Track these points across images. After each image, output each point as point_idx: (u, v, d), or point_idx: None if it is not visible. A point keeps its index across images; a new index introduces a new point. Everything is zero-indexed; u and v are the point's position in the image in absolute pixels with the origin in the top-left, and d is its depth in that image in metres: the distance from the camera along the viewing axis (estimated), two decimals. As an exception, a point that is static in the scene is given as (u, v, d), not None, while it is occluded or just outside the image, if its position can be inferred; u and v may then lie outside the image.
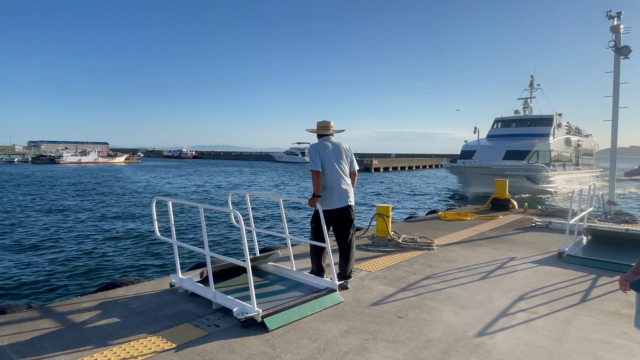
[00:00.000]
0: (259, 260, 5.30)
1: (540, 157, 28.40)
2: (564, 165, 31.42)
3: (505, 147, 29.01)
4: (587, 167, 37.16)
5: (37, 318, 4.00)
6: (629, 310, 4.30)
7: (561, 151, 31.58)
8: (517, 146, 28.79)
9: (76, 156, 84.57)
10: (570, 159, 33.77)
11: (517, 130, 31.98)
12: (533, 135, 29.64)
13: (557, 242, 7.44)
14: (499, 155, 28.53)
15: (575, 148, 34.67)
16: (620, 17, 10.56)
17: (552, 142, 30.01)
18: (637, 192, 33.21)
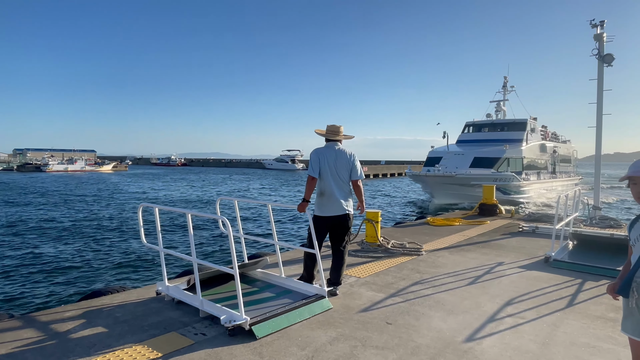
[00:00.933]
0: (247, 267, 5.25)
1: (511, 164, 25.55)
2: (538, 174, 28.57)
3: (473, 154, 25.94)
4: (564, 174, 34.29)
5: (18, 328, 3.90)
6: (614, 314, 4.34)
7: (535, 158, 28.77)
8: (486, 153, 25.91)
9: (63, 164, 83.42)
10: (546, 166, 30.70)
11: (489, 136, 29.07)
12: (505, 141, 26.82)
13: (544, 247, 7.51)
14: (466, 162, 25.44)
15: (551, 155, 31.66)
16: (604, 26, 10.79)
17: (525, 148, 27.14)
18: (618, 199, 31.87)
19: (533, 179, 27.27)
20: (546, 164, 30.74)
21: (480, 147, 27.44)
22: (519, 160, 26.30)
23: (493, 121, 30.97)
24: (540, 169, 29.24)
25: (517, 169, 25.81)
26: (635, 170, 2.32)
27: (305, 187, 4.83)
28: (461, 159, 26.08)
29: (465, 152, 26.54)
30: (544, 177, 29.30)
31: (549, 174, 30.80)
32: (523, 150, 26.78)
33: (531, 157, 28.02)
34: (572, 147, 39.04)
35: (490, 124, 30.69)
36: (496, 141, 27.41)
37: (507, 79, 32.83)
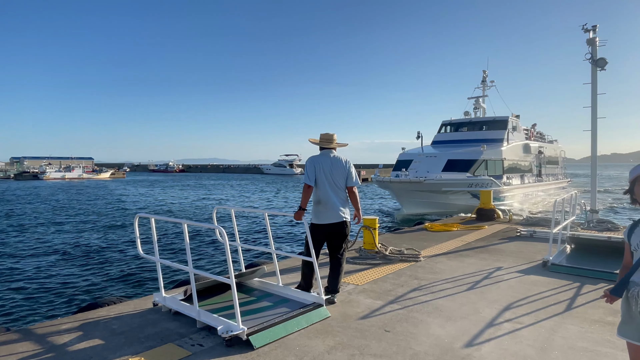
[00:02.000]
0: (244, 276, 5.24)
1: (489, 167, 22.39)
2: (521, 177, 25.44)
3: (447, 156, 22.81)
4: (552, 177, 31.11)
5: (15, 341, 3.87)
6: (612, 318, 4.34)
7: (518, 160, 25.61)
8: (461, 155, 22.86)
9: (60, 172, 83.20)
10: (530, 168, 27.41)
11: (467, 135, 26.01)
12: (484, 141, 23.80)
13: (542, 251, 7.52)
14: (439, 166, 22.36)
15: (536, 156, 28.38)
16: (596, 30, 10.87)
17: (506, 148, 24.00)
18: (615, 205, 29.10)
19: (515, 183, 24.35)
20: (530, 166, 27.49)
21: (456, 148, 24.34)
22: (499, 163, 23.10)
23: (471, 119, 27.65)
24: (523, 172, 26.05)
25: (497, 172, 22.75)
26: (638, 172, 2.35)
27: (302, 195, 4.84)
28: (433, 162, 22.89)
29: (439, 155, 23.29)
30: (528, 180, 26.31)
31: (534, 177, 27.72)
32: (503, 151, 23.63)
33: (513, 158, 24.86)
34: (560, 148, 35.82)
35: (468, 122, 27.42)
36: (474, 141, 24.33)
37: (487, 74, 29.69)
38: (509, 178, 23.61)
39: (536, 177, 28.01)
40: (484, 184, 20.76)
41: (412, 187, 20.73)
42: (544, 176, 29.42)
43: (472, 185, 20.79)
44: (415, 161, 23.26)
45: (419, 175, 21.28)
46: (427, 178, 20.68)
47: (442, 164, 22.34)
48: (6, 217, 25.20)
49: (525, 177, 26.10)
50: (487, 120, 26.76)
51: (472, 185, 20.79)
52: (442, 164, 22.38)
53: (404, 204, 22.27)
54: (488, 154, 22.60)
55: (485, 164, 22.43)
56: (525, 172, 26.39)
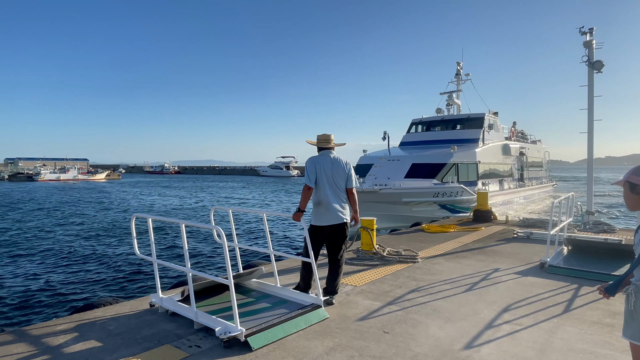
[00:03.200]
0: (242, 277, 5.21)
1: (461, 172, 18.95)
2: (500, 182, 22.23)
3: (411, 160, 19.11)
4: (535, 181, 28.01)
5: (9, 342, 3.82)
6: (611, 319, 4.34)
7: (496, 162, 22.29)
8: (426, 158, 19.25)
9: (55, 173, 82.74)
10: (511, 172, 24.10)
11: (438, 136, 22.89)
12: (457, 142, 20.89)
13: (539, 253, 7.52)
14: (402, 171, 18.61)
15: (517, 158, 25.25)
16: (593, 33, 10.93)
17: (481, 150, 20.52)
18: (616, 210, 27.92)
19: (493, 189, 20.89)
20: (511, 170, 24.16)
21: (425, 150, 20.76)
22: (472, 167, 19.65)
23: (444, 117, 24.26)
24: (503, 176, 22.77)
25: (471, 177, 19.41)
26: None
27: (301, 196, 4.77)
28: (396, 166, 18.91)
29: (402, 158, 19.41)
30: (508, 185, 23.08)
31: (515, 181, 24.54)
32: (478, 153, 20.15)
33: (490, 161, 21.51)
34: (544, 148, 32.61)
35: (440, 121, 24.12)
36: (447, 142, 21.26)
37: (462, 66, 26.25)
38: (486, 184, 20.22)
39: (517, 182, 24.81)
40: (453, 193, 17.74)
41: (366, 197, 15.79)
42: (527, 180, 26.34)
43: (439, 194, 17.34)
44: (376, 166, 19.01)
45: (378, 182, 17.29)
46: (384, 187, 16.60)
47: (405, 169, 18.41)
48: (1, 218, 25.01)
49: (505, 182, 22.90)
50: (460, 118, 23.46)
51: (439, 194, 17.34)
52: (406, 169, 18.46)
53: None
54: (459, 157, 19.04)
55: (456, 169, 18.80)
56: (505, 176, 23.09)
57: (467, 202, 17.99)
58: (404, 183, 17.34)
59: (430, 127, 24.01)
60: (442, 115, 25.01)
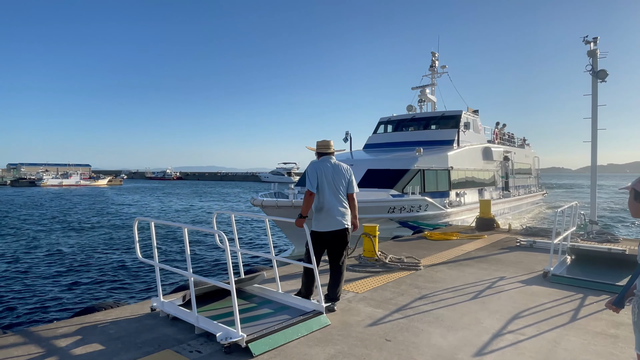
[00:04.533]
0: (243, 282, 5.19)
1: (429, 180, 15.34)
2: (480, 191, 18.61)
3: (367, 165, 15.64)
4: (523, 189, 24.75)
5: (11, 345, 3.81)
6: (615, 330, 4.30)
7: (475, 169, 18.69)
8: (385, 163, 15.87)
9: (57, 179, 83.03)
10: (494, 179, 20.64)
11: (408, 137, 19.26)
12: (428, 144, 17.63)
13: (542, 262, 7.48)
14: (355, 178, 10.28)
15: (501, 163, 21.65)
16: (597, 42, 10.95)
17: (455, 154, 17.09)
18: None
19: (471, 200, 17.08)
20: (493, 177, 20.64)
21: (388, 153, 17.49)
22: (444, 173, 16.10)
23: (414, 116, 20.62)
24: (483, 185, 19.20)
25: (442, 186, 15.90)
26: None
27: (303, 202, 4.75)
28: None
29: (357, 163, 15.60)
30: (490, 195, 19.38)
31: (499, 190, 20.93)
32: (450, 157, 16.64)
33: (466, 167, 17.84)
34: (533, 153, 28.90)
35: (410, 120, 20.43)
36: (418, 144, 17.53)
37: (437, 57, 22.60)
38: (461, 194, 16.45)
39: (501, 191, 21.23)
40: (415, 207, 13.71)
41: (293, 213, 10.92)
42: (513, 189, 22.79)
43: (395, 209, 13.27)
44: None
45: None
46: None
47: (360, 176, 14.59)
48: (4, 222, 25.06)
49: (486, 191, 19.24)
50: (433, 117, 20.03)
51: (395, 209, 13.27)
52: (358, 176, 14.36)
53: (292, 239, 13.51)
54: (427, 161, 15.31)
55: (421, 176, 15.00)
56: (486, 184, 19.56)
57: (435, 217, 14.12)
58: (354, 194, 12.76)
59: (399, 126, 20.30)
60: (413, 113, 21.32)
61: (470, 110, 20.74)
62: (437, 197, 14.90)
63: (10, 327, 7.95)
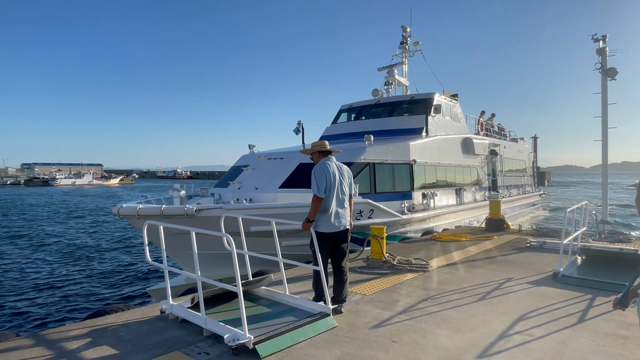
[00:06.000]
0: (251, 284, 5.23)
1: (381, 177, 12.07)
2: (458, 192, 15.16)
3: (299, 159, 11.63)
4: (516, 190, 21.46)
5: (24, 347, 3.90)
6: (625, 331, 4.26)
7: (449, 164, 15.03)
8: None
9: (70, 178, 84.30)
10: (477, 178, 17.03)
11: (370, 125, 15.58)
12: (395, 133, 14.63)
13: (552, 263, 7.41)
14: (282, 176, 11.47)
15: (487, 158, 18.04)
16: (606, 40, 10.82)
17: (421, 144, 13.48)
18: None
19: (446, 202, 14.16)
20: (477, 175, 17.07)
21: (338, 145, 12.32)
22: (403, 169, 12.52)
23: (378, 101, 16.81)
24: (462, 184, 15.60)
25: (400, 185, 12.33)
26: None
27: (311, 206, 4.75)
28: (276, 169, 11.81)
29: (288, 156, 12.08)
30: (472, 197, 16.08)
31: (483, 191, 17.25)
32: (414, 148, 12.96)
33: (438, 161, 14.27)
34: (527, 149, 25.22)
35: (373, 106, 16.75)
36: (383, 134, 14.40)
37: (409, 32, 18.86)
38: (430, 196, 12.96)
39: (487, 192, 17.43)
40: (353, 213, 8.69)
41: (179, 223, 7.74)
42: (502, 189, 19.10)
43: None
44: (251, 167, 11.96)
45: (241, 195, 10.58)
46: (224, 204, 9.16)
47: (286, 174, 11.30)
48: (19, 222, 25.47)
49: (467, 192, 15.74)
50: (399, 101, 16.30)
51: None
52: (288, 172, 11.32)
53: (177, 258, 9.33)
54: (379, 153, 11.82)
55: (370, 172, 11.63)
56: (467, 184, 15.99)
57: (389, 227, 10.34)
58: (277, 196, 10.30)
59: (361, 114, 16.74)
60: (378, 98, 17.30)
61: (448, 94, 16.92)
62: (395, 199, 11.59)
63: (24, 330, 8.11)
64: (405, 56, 18.80)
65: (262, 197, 10.40)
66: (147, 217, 8.00)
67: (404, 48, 18.68)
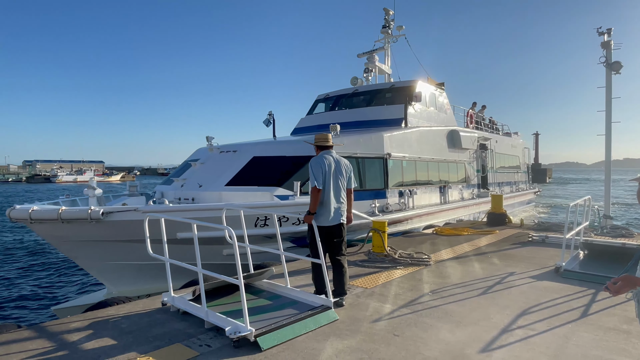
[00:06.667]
0: (253, 277, 5.23)
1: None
2: (441, 190, 13.40)
3: (254, 151, 9.81)
4: (508, 187, 19.96)
5: (25, 339, 3.90)
6: (627, 326, 4.24)
7: (434, 159, 13.38)
8: (281, 148, 10.22)
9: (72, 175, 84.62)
10: (465, 174, 15.32)
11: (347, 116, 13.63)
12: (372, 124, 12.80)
13: (554, 257, 7.39)
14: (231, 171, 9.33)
15: (476, 153, 16.43)
16: (611, 34, 10.72)
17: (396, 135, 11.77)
18: None
19: (427, 201, 12.41)
20: (464, 171, 15.37)
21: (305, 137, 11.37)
22: (376, 163, 10.85)
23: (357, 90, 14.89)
24: (447, 182, 13.81)
25: (373, 183, 10.66)
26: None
27: (311, 198, 4.77)
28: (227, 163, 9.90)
29: (242, 148, 10.28)
30: (459, 195, 14.55)
31: (471, 188, 15.59)
32: (389, 140, 11.26)
33: (417, 155, 12.41)
34: (522, 144, 23.60)
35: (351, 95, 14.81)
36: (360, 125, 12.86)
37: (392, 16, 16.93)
38: (408, 194, 11.23)
39: (475, 190, 15.90)
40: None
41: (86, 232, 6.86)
42: (493, 187, 17.68)
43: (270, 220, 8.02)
44: (200, 162, 10.19)
45: (184, 192, 9.19)
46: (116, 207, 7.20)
47: (236, 168, 9.47)
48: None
49: (453, 189, 14.18)
50: (378, 90, 14.49)
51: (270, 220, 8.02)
52: (238, 167, 9.48)
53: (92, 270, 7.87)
54: (348, 145, 9.82)
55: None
56: (453, 181, 14.31)
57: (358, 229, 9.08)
58: (222, 195, 8.71)
59: (337, 104, 14.90)
60: (356, 87, 15.36)
61: (433, 82, 15.35)
62: (365, 198, 9.94)
63: (25, 322, 8.14)
64: (388, 41, 16.84)
65: (205, 197, 8.78)
66: (42, 221, 6.64)
67: (387, 33, 16.72)
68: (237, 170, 9.25)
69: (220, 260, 7.50)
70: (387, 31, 16.71)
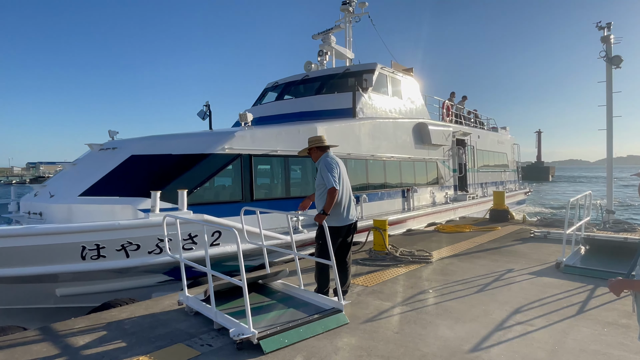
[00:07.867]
0: (267, 277, 5.23)
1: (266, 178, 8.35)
2: (405, 193, 11.32)
3: (132, 150, 7.32)
4: (494, 187, 17.61)
5: (30, 341, 3.96)
6: (626, 320, 4.26)
7: (394, 157, 11.21)
8: (169, 144, 7.44)
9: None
10: (436, 174, 13.31)
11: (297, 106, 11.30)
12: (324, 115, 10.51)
13: (555, 253, 7.39)
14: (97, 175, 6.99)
15: (452, 150, 14.33)
16: (611, 28, 10.69)
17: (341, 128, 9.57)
18: None
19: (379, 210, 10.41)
20: (436, 171, 13.33)
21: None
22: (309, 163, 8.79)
23: (307, 76, 12.54)
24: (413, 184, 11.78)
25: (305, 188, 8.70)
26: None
27: (328, 199, 4.63)
28: (101, 164, 7.33)
29: (123, 145, 7.61)
30: (430, 199, 12.67)
31: (446, 190, 13.65)
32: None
33: (370, 153, 10.41)
34: (511, 139, 21.44)
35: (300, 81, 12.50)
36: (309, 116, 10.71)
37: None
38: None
39: (451, 192, 13.92)
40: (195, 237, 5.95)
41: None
42: (474, 188, 15.73)
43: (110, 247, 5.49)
44: (74, 163, 8.22)
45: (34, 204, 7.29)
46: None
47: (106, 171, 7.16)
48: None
49: (419, 193, 12.03)
50: (330, 75, 12.03)
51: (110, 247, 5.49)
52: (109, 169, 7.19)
53: None
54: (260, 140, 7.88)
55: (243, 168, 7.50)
56: (420, 183, 12.26)
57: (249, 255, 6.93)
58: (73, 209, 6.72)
59: (286, 92, 12.67)
60: (307, 72, 13.05)
61: (399, 67, 13.35)
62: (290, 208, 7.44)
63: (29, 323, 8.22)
64: (349, 20, 14.47)
65: (53, 210, 6.89)
66: None
67: (347, 10, 14.38)
68: (103, 174, 7.10)
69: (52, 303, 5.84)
70: (348, 8, 14.34)
